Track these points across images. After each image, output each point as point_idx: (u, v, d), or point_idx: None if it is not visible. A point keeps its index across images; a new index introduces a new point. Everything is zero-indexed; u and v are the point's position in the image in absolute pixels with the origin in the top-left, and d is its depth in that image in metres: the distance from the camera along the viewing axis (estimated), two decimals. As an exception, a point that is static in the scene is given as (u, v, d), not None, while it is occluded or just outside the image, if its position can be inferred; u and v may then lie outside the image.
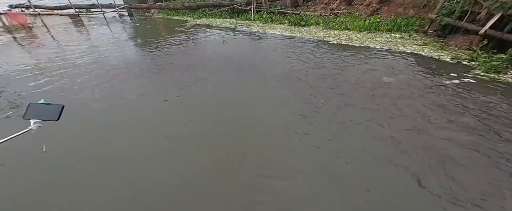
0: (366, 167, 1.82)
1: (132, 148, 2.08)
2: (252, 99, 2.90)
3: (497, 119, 2.32)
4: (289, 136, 2.20)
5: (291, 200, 1.56)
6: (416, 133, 2.16)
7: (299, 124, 2.36)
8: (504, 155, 1.86)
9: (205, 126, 2.38)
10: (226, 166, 1.87)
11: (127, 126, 2.43)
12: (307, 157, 1.93)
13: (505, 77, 3.30)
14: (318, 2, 14.91)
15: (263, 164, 1.85)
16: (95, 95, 3.12)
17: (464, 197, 1.53)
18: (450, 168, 1.77)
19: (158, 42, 6.53)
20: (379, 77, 3.46)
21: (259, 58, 4.79)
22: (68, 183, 1.72)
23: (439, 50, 4.83)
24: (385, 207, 1.51)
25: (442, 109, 2.55)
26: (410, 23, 7.08)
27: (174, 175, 1.79)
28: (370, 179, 1.71)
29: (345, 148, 2.01)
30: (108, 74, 3.83)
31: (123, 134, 2.30)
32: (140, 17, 13.18)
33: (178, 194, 1.64)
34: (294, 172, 1.78)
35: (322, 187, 1.67)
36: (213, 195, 1.61)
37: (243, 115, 2.57)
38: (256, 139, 2.18)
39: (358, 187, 1.64)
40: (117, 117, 2.59)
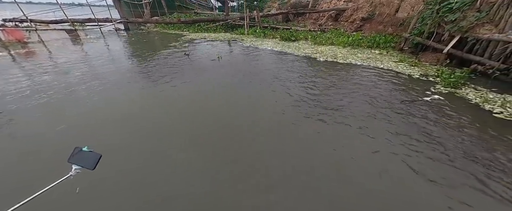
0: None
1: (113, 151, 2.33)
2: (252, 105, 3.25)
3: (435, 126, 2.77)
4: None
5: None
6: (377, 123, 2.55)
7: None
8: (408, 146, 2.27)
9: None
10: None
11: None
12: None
13: (461, 92, 3.85)
14: (307, 18, 15.97)
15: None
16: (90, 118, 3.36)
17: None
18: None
19: (155, 56, 6.87)
20: (359, 93, 3.92)
21: (250, 75, 5.21)
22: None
23: (411, 66, 5.45)
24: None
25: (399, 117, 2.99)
26: (388, 40, 7.85)
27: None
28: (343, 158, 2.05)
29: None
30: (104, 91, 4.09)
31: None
32: (136, 31, 13.60)
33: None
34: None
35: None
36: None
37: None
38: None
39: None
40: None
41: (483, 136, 2.63)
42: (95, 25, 12.66)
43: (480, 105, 3.39)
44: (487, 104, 3.40)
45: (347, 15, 12.18)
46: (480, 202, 1.80)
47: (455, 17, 5.36)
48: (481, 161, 2.24)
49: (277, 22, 14.81)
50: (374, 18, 10.33)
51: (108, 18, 13.06)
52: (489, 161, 2.24)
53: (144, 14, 16.54)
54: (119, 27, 13.59)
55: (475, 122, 2.92)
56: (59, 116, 3.13)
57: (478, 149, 2.41)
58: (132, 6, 16.28)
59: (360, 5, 11.51)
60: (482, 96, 3.68)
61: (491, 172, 2.09)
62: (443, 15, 5.70)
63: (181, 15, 16.58)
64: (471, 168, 2.15)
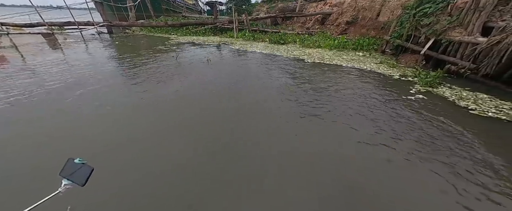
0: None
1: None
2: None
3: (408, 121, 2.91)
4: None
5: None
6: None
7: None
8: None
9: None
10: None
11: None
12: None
13: (438, 91, 4.09)
14: (295, 21, 16.37)
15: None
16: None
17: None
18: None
19: (141, 60, 6.64)
20: (345, 93, 4.03)
21: (242, 77, 5.18)
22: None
23: (391, 67, 5.73)
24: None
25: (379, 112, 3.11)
26: (371, 43, 8.22)
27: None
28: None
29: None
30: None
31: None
32: (121, 34, 13.12)
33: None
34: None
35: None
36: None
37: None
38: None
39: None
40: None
41: (459, 129, 2.79)
42: (75, 28, 12.03)
43: (456, 103, 3.61)
44: (462, 101, 3.63)
45: (332, 19, 12.64)
46: (445, 180, 1.88)
47: (429, 21, 5.74)
48: (456, 152, 2.36)
49: (266, 26, 15.01)
50: (357, 22, 10.81)
51: (89, 22, 12.48)
52: (466, 152, 2.36)
53: (129, 17, 16.04)
54: (101, 30, 13.04)
55: (452, 118, 3.10)
56: (32, 128, 2.88)
57: (454, 141, 2.55)
58: (116, 9, 15.75)
59: (344, 9, 12.01)
60: (457, 94, 3.93)
61: (472, 164, 2.20)
62: (419, 19, 6.09)
63: (169, 19, 16.28)
64: (449, 159, 2.26)
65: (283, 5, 17.13)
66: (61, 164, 0.95)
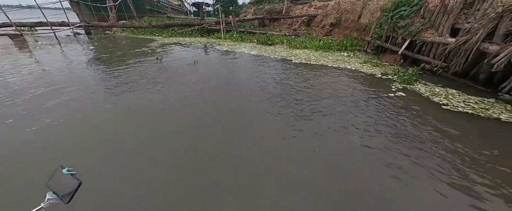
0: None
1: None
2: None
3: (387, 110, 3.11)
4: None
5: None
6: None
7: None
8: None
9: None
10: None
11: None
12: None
13: (414, 88, 4.39)
14: (282, 23, 16.64)
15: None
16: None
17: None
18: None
19: (123, 63, 6.32)
20: (332, 93, 4.17)
21: (231, 77, 5.14)
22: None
23: (374, 67, 6.04)
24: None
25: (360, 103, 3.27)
26: (354, 43, 8.60)
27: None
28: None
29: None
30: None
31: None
32: (100, 36, 12.41)
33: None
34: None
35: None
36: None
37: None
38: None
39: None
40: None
41: (432, 123, 3.01)
42: (48, 29, 11.16)
43: (430, 98, 3.89)
44: (435, 97, 3.93)
45: (317, 20, 13.05)
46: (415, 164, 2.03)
47: (405, 23, 6.15)
48: (428, 145, 2.55)
49: (254, 27, 15.09)
50: (341, 23, 11.26)
51: (64, 22, 11.65)
52: (436, 145, 2.56)
53: (109, 18, 15.24)
54: (78, 31, 12.23)
55: (427, 114, 3.34)
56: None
57: (427, 134, 2.75)
58: (95, 9, 14.91)
59: (329, 11, 12.46)
60: (431, 90, 4.25)
61: (441, 154, 2.38)
62: (396, 21, 6.50)
63: (153, 19, 15.74)
64: (422, 151, 2.43)
65: (270, 6, 17.35)
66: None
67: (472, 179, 2.09)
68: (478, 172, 2.17)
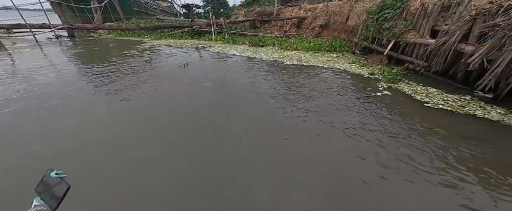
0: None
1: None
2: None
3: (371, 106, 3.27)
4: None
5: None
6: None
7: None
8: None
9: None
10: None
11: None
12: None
13: (399, 86, 4.60)
14: (273, 25, 16.82)
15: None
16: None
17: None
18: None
19: (109, 66, 6.11)
20: (324, 90, 4.28)
21: (223, 79, 5.12)
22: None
23: (362, 67, 6.27)
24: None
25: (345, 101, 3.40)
26: (343, 45, 8.87)
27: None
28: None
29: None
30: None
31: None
32: (85, 38, 11.92)
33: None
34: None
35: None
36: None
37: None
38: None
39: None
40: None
41: (415, 120, 3.18)
42: (27, 32, 10.56)
43: (413, 97, 4.10)
44: (417, 95, 4.15)
45: (307, 22, 13.33)
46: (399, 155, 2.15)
47: (389, 25, 6.44)
48: (412, 140, 2.69)
49: (245, 29, 15.15)
50: (330, 25, 11.57)
51: (45, 24, 11.08)
52: (417, 140, 2.70)
53: (94, 19, 14.69)
54: (61, 34, 11.68)
55: (408, 108, 3.53)
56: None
57: (406, 126, 2.90)
58: (78, 11, 14.33)
59: (318, 14, 12.77)
60: (413, 89, 4.47)
61: (424, 147, 2.52)
62: (381, 24, 6.79)
63: (141, 21, 15.36)
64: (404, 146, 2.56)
65: (261, 8, 17.50)
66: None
67: (448, 170, 2.22)
68: (455, 164, 2.32)
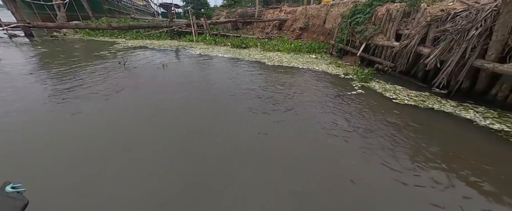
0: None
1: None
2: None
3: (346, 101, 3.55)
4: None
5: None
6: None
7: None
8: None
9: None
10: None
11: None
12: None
13: (369, 85, 5.02)
14: (255, 26, 17.00)
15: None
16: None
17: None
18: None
19: (76, 68, 5.56)
20: (302, 90, 4.44)
21: (205, 80, 5.01)
22: None
23: (338, 67, 6.68)
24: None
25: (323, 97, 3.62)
26: (321, 46, 9.35)
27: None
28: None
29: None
30: None
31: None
32: (46, 38, 10.66)
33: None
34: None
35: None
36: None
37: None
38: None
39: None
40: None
41: (384, 112, 3.50)
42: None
43: (383, 94, 4.50)
44: (387, 93, 4.56)
45: (288, 24, 13.75)
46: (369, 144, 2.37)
47: (361, 29, 6.98)
48: (383, 130, 2.96)
49: (227, 30, 15.03)
50: (309, 28, 12.10)
51: (-5, 21, 9.64)
52: (387, 131, 2.98)
53: (56, 17, 13.22)
54: (15, 33, 10.27)
55: (379, 105, 3.86)
56: None
57: (377, 120, 3.18)
58: (37, 8, 12.78)
59: (297, 16, 13.26)
60: (383, 87, 4.91)
61: (392, 136, 2.79)
62: (354, 27, 7.32)
63: (114, 20, 14.27)
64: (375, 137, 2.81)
65: (243, 10, 17.57)
66: None
67: (411, 154, 2.50)
68: (415, 150, 2.61)
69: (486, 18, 3.82)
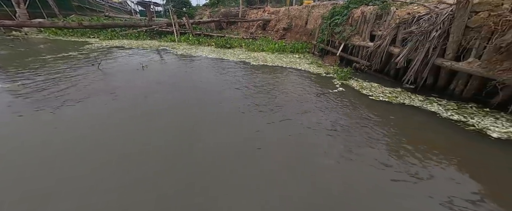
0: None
1: None
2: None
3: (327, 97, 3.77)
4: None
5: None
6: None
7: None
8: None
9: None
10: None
11: None
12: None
13: (348, 83, 5.33)
14: (239, 26, 16.94)
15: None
16: None
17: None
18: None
19: (41, 70, 5.03)
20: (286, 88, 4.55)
21: (190, 81, 4.86)
22: None
23: (319, 67, 6.96)
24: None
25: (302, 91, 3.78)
26: (304, 46, 9.64)
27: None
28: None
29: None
30: None
31: None
32: (4, 37, 9.47)
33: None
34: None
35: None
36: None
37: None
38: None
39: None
40: None
41: (362, 108, 3.75)
42: None
43: (360, 91, 4.80)
44: (364, 90, 4.88)
45: (272, 25, 13.94)
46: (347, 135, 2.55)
47: (339, 30, 7.36)
48: (360, 123, 3.17)
49: (211, 30, 14.76)
50: (292, 28, 12.40)
51: None
52: (363, 124, 3.21)
53: (16, 14, 11.81)
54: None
55: (357, 101, 4.13)
56: None
57: (358, 118, 3.41)
58: (-10, 2, 11.28)
59: (280, 17, 13.51)
60: (360, 85, 5.25)
61: (368, 128, 3.00)
62: (333, 28, 7.69)
63: (85, 18, 13.16)
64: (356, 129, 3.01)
65: (226, 10, 17.38)
66: None
67: (385, 143, 2.72)
68: (389, 140, 2.84)
69: (444, 21, 4.28)
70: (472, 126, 3.30)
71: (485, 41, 3.72)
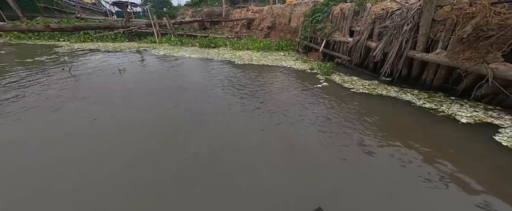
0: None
1: None
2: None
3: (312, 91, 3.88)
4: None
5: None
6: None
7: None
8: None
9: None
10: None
11: None
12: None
13: (331, 78, 5.50)
14: (224, 26, 16.72)
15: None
16: None
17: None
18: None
19: (6, 76, 4.52)
20: (273, 86, 4.56)
21: (173, 81, 4.67)
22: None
23: (304, 63, 7.10)
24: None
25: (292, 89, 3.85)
26: (288, 44, 9.78)
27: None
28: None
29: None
30: None
31: None
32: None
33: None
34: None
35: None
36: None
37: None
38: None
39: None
40: None
41: (344, 100, 3.88)
42: None
43: (342, 85, 4.97)
44: (345, 83, 5.06)
45: (256, 24, 13.94)
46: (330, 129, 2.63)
47: (321, 26, 7.56)
48: (344, 116, 3.29)
49: (194, 30, 14.39)
50: (276, 26, 12.52)
51: None
52: (345, 117, 3.33)
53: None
54: None
55: (340, 94, 4.27)
56: None
57: (340, 110, 3.53)
58: None
59: (264, 16, 13.56)
60: (342, 79, 5.44)
61: (350, 118, 3.11)
62: (315, 25, 7.88)
63: (53, 20, 12.11)
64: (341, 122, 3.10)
65: (209, 9, 17.05)
66: None
67: (366, 131, 2.84)
68: (368, 129, 2.98)
69: (414, 15, 4.58)
70: (442, 113, 3.57)
71: (449, 33, 4.04)
